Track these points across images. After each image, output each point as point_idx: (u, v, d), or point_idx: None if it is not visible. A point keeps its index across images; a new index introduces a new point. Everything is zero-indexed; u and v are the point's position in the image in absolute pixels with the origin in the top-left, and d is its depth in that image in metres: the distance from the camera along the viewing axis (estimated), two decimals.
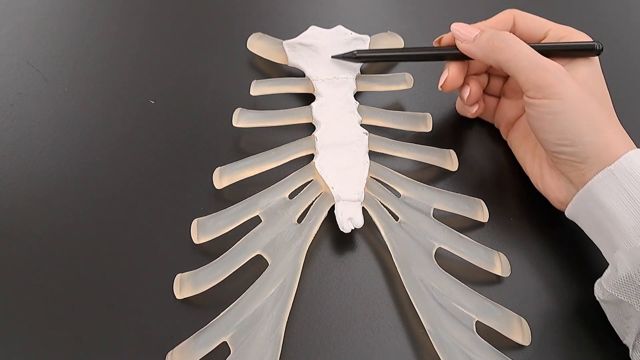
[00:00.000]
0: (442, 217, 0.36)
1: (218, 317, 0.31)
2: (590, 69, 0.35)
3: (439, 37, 0.39)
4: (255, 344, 0.30)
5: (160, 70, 0.45)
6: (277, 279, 0.32)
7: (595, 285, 0.31)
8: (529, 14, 0.38)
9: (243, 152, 0.39)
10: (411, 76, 0.42)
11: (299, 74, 0.43)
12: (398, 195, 0.36)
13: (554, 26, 0.37)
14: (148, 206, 0.37)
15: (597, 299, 0.31)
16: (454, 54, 0.37)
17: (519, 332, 0.31)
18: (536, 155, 0.37)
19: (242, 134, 0.40)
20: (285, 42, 0.44)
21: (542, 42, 0.37)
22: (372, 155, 0.38)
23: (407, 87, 0.42)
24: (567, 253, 0.35)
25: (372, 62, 0.43)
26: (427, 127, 0.40)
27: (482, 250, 0.34)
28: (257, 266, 0.33)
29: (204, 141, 0.40)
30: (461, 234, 0.35)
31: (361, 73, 0.43)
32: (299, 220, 0.34)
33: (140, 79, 0.44)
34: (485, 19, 0.38)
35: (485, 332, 0.31)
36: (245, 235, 0.34)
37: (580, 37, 0.36)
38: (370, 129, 0.39)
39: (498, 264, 0.34)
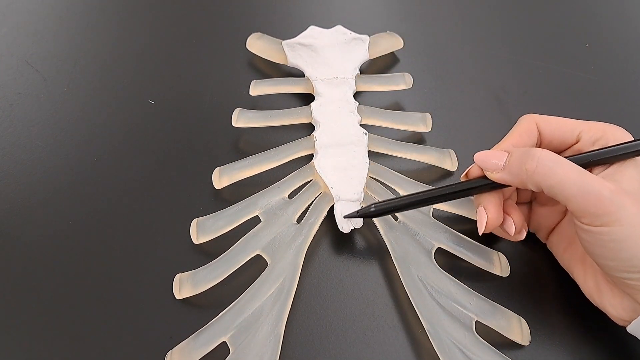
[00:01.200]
0: (442, 217, 0.36)
1: (217, 317, 0.31)
2: (636, 171, 0.30)
3: (466, 170, 0.33)
4: (255, 343, 0.30)
5: (160, 70, 0.45)
6: (276, 278, 0.32)
7: None
8: (552, 117, 0.33)
9: (242, 152, 0.39)
10: (410, 76, 0.42)
11: (298, 74, 0.43)
12: (398, 195, 0.36)
13: (585, 127, 0.32)
14: (147, 206, 0.37)
15: None
16: (486, 185, 0.32)
17: (519, 332, 0.31)
18: (588, 266, 0.32)
19: (242, 134, 0.40)
20: (284, 42, 0.44)
21: (575, 147, 0.32)
22: (372, 155, 0.38)
23: (407, 87, 0.42)
24: None
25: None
26: (427, 127, 0.40)
27: (482, 250, 0.34)
28: (256, 266, 0.33)
29: (203, 141, 0.40)
30: (460, 234, 0.35)
31: (361, 73, 0.43)
32: (299, 220, 0.34)
33: (140, 79, 0.44)
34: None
35: (485, 332, 0.31)
36: (244, 235, 0.34)
37: (617, 133, 0.31)
38: (370, 128, 0.39)
39: (497, 264, 0.34)
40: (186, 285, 0.32)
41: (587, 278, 0.31)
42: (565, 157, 0.29)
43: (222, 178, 0.36)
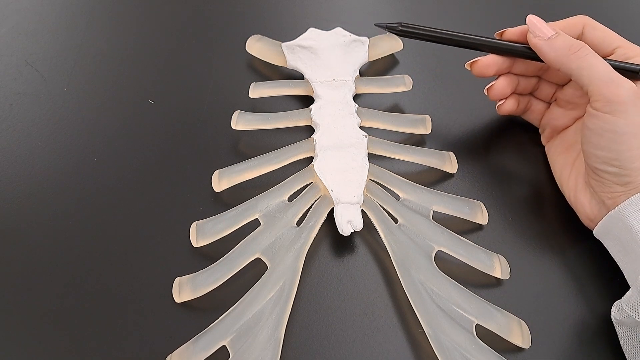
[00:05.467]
0: (442, 219, 0.36)
1: (217, 320, 0.31)
2: None
3: (502, 30, 0.37)
4: (255, 347, 0.30)
5: (160, 71, 0.45)
6: (276, 282, 0.32)
7: (614, 306, 0.31)
8: (601, 25, 0.36)
9: (242, 154, 0.39)
10: (410, 78, 0.42)
11: (297, 76, 0.43)
12: (397, 197, 0.36)
13: (623, 43, 0.36)
14: (147, 209, 0.37)
15: (613, 319, 0.31)
16: (507, 50, 0.37)
17: (519, 335, 0.31)
18: (574, 169, 0.36)
19: (241, 136, 0.40)
20: (284, 45, 0.44)
21: (608, 58, 0.35)
22: (371, 157, 0.38)
23: (406, 89, 0.42)
24: (567, 255, 0.35)
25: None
26: (427, 129, 0.40)
27: (482, 253, 0.34)
28: (256, 269, 0.33)
29: (202, 143, 0.40)
30: (461, 237, 0.35)
31: (360, 75, 0.43)
32: (298, 223, 0.34)
33: (140, 79, 0.44)
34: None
35: (485, 335, 0.31)
36: (244, 238, 0.33)
37: None
38: (370, 131, 0.39)
39: (498, 267, 0.34)
40: (186, 289, 0.32)
41: (570, 179, 0.36)
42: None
43: (222, 181, 0.36)
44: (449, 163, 0.39)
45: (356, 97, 0.42)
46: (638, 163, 0.31)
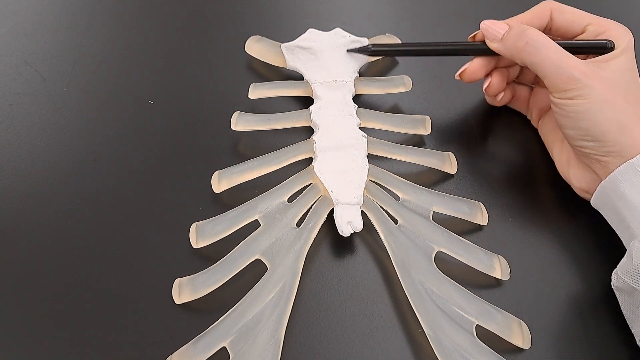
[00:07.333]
0: (442, 220, 0.36)
1: (217, 322, 0.31)
2: (623, 65, 0.34)
3: (473, 34, 0.39)
4: (255, 349, 0.30)
5: (159, 71, 0.45)
6: (276, 283, 0.32)
7: (613, 274, 0.32)
8: (568, 7, 0.37)
9: (242, 155, 0.39)
10: (410, 79, 0.42)
11: (297, 76, 0.43)
12: (397, 198, 0.36)
13: (593, 20, 0.36)
14: (146, 210, 0.37)
15: (612, 286, 0.32)
16: (482, 50, 0.38)
17: (519, 335, 0.31)
18: (564, 144, 0.37)
19: (241, 137, 0.40)
20: (283, 45, 0.44)
21: (579, 37, 0.37)
22: (371, 158, 0.38)
23: (406, 90, 0.42)
24: (568, 256, 0.35)
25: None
26: (426, 129, 0.40)
27: (482, 254, 0.34)
28: (256, 270, 0.33)
29: (202, 144, 0.40)
30: (461, 237, 0.35)
31: (360, 76, 0.43)
32: (298, 224, 0.34)
33: (140, 79, 0.44)
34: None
35: (485, 336, 0.31)
36: (244, 239, 0.33)
37: (620, 31, 0.35)
38: (369, 131, 0.39)
39: (498, 267, 0.34)
40: (185, 290, 0.32)
41: (562, 155, 0.37)
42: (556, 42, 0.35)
43: (222, 182, 0.36)
44: (448, 163, 0.39)
45: (356, 98, 0.42)
46: (610, 134, 0.32)
